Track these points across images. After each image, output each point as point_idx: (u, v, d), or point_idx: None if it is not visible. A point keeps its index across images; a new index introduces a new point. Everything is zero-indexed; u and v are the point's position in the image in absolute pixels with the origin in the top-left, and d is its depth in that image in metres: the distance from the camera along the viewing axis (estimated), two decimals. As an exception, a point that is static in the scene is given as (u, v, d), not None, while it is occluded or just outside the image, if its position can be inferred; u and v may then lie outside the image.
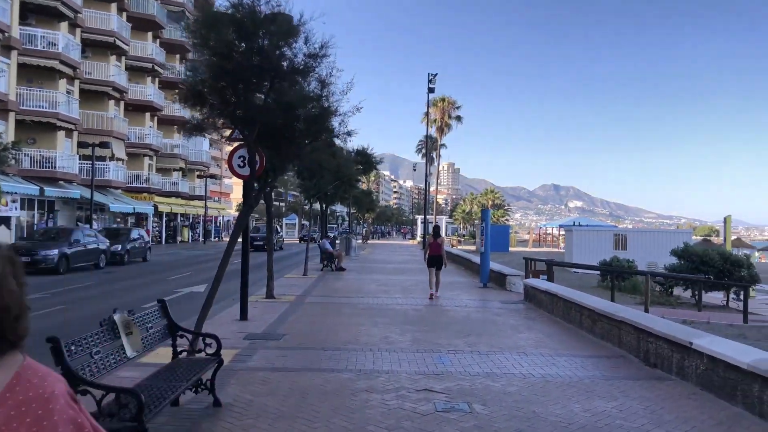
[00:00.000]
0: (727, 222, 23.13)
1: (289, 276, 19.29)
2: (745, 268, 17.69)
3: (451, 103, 65.82)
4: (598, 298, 10.75)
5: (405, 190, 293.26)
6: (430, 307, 12.77)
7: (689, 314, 15.62)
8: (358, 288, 16.11)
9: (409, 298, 13.98)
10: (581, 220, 60.72)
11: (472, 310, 12.43)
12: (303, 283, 16.83)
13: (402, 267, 24.33)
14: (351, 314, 11.35)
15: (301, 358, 7.59)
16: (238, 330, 9.44)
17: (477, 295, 15.12)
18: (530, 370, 7.25)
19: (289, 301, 13.07)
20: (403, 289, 16.05)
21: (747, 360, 5.66)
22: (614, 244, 32.80)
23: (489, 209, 17.01)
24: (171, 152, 49.33)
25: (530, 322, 11.02)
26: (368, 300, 13.57)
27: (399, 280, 18.33)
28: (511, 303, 13.66)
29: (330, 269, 21.36)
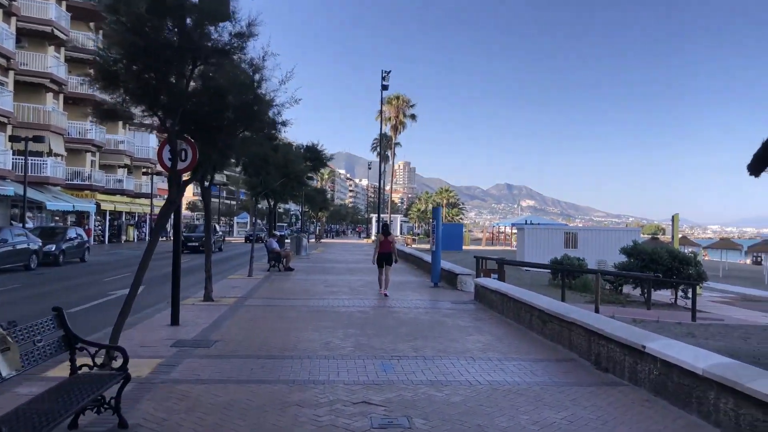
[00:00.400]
0: (675, 220, 23.39)
1: (233, 277, 18.49)
2: (693, 266, 17.80)
3: (405, 102, 65.57)
4: (548, 298, 10.43)
5: (361, 188, 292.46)
6: (378, 308, 12.25)
7: (639, 313, 15.56)
8: (304, 289, 15.47)
9: (356, 299, 13.43)
10: (533, 219, 61.30)
11: (420, 311, 11.96)
12: (246, 285, 16.09)
13: (353, 267, 23.77)
14: (293, 318, 10.73)
15: (231, 368, 6.95)
16: (166, 336, 8.72)
17: (427, 295, 14.68)
18: (477, 376, 6.80)
19: (228, 304, 12.34)
20: (352, 290, 15.50)
21: (702, 365, 5.32)
22: (565, 242, 33.01)
23: (440, 207, 16.60)
24: (116, 148, 47.48)
25: (480, 323, 10.61)
26: (314, 302, 12.96)
27: (348, 281, 17.77)
28: (461, 303, 13.27)
29: (277, 270, 20.62)
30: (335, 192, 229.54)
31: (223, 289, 14.77)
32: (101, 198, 41.92)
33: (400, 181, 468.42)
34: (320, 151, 24.16)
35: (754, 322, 14.98)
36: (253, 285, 16.10)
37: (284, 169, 19.04)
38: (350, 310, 11.83)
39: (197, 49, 5.73)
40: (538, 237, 33.01)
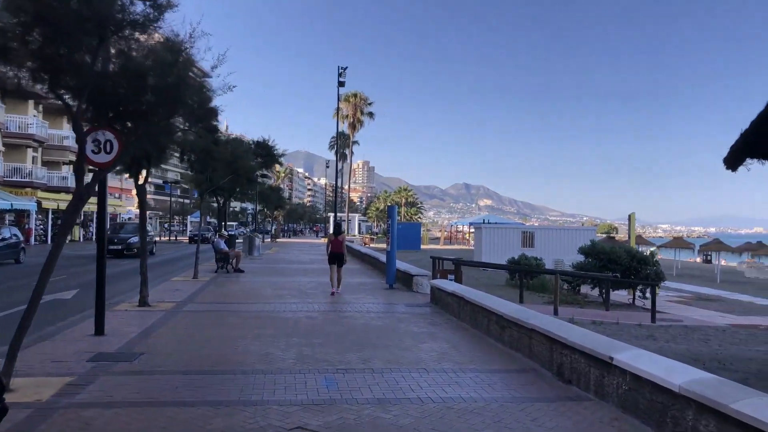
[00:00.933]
0: (632, 219, 23.30)
1: (176, 279, 17.44)
2: (651, 266, 17.60)
3: (363, 99, 64.82)
4: (507, 302, 9.85)
5: (319, 187, 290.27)
6: (327, 313, 11.48)
7: (598, 314, 15.21)
8: (251, 292, 14.59)
9: (305, 303, 12.64)
10: (490, 218, 61.38)
11: (373, 315, 11.25)
12: (189, 288, 15.10)
13: (306, 268, 22.91)
14: (233, 325, 9.88)
15: (151, 387, 6.10)
16: (86, 348, 7.78)
17: (381, 298, 13.99)
18: (430, 392, 6.12)
19: (164, 309, 11.39)
20: (302, 292, 14.68)
21: (678, 381, 4.75)
22: (522, 241, 32.82)
23: (395, 206, 15.92)
24: (60, 144, 45.39)
25: (435, 329, 9.96)
26: (258, 307, 12.12)
27: (299, 283, 16.94)
28: (416, 306, 12.61)
29: (226, 271, 19.63)
30: (293, 191, 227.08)
31: (162, 293, 13.77)
32: (43, 196, 39.89)
33: (359, 180, 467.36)
34: (272, 147, 23.21)
35: (711, 323, 14.79)
36: (197, 288, 15.12)
37: (232, 165, 18.07)
38: (297, 315, 11.03)
39: (103, 19, 4.88)
40: (495, 236, 32.74)
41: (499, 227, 34.80)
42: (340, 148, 79.25)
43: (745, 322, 14.93)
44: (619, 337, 11.85)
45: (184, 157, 16.89)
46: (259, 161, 23.36)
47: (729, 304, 20.10)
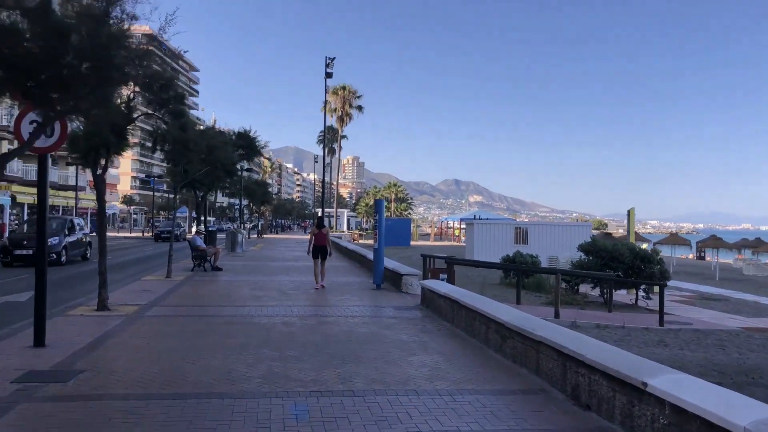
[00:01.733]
0: (631, 215, 22.31)
1: (149, 278, 16.24)
2: (656, 264, 16.60)
3: (351, 92, 63.52)
4: (507, 306, 8.75)
5: (309, 183, 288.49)
6: (307, 317, 10.36)
7: (601, 316, 14.21)
8: (225, 293, 13.43)
9: (283, 306, 11.50)
10: (481, 214, 60.43)
11: (357, 321, 10.13)
12: (160, 288, 13.92)
13: (289, 265, 21.76)
14: (198, 333, 8.74)
15: (79, 420, 4.96)
16: (17, 365, 6.61)
17: (367, 300, 12.87)
18: (421, 423, 5.03)
19: (125, 314, 10.22)
20: (281, 293, 13.54)
21: (744, 422, 3.67)
22: (515, 238, 31.88)
23: (383, 200, 14.80)
24: (37, 136, 43.89)
25: (426, 337, 8.87)
26: (231, 310, 10.98)
27: (280, 282, 15.80)
28: (405, 309, 11.51)
29: (203, 269, 18.44)
30: (282, 186, 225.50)
31: (127, 294, 12.60)
32: (18, 190, 38.47)
33: (349, 176, 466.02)
34: (253, 138, 21.96)
35: (722, 325, 13.82)
36: (168, 288, 13.94)
37: (209, 156, 16.87)
38: (273, 320, 9.89)
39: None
40: (488, 233, 31.74)
41: (492, 223, 33.81)
42: (329, 142, 77.99)
43: (759, 325, 13.97)
44: (628, 344, 10.83)
45: (156, 147, 15.72)
46: (241, 153, 22.15)
47: (734, 304, 19.17)
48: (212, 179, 19.14)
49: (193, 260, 18.60)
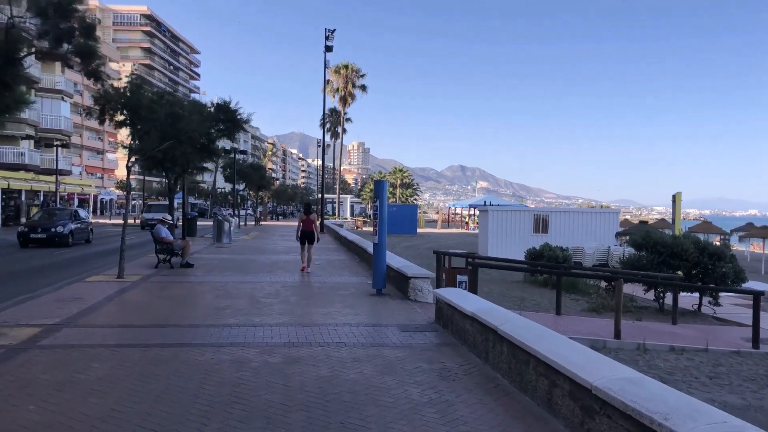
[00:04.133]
0: (677, 200, 19.09)
1: (94, 279, 13.10)
2: (728, 262, 13.37)
3: (354, 71, 59.92)
4: (581, 347, 5.49)
5: (313, 169, 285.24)
6: (274, 350, 7.17)
7: (668, 332, 11.00)
8: (177, 304, 10.26)
9: (246, 328, 8.34)
10: (492, 200, 57.04)
11: (345, 355, 6.95)
12: (99, 294, 10.80)
13: (277, 260, 18.61)
14: (95, 380, 5.60)
15: None
16: None
17: (364, 314, 9.68)
18: None
19: (12, 341, 7.09)
20: (253, 303, 10.38)
21: None
22: (534, 226, 28.64)
23: (384, 181, 11.59)
24: (17, 115, 40.68)
25: (449, 390, 5.69)
26: (170, 334, 7.83)
27: (257, 285, 12.65)
28: (415, 330, 8.34)
29: (169, 266, 15.32)
30: (287, 172, 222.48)
31: (45, 305, 9.50)
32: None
33: (354, 161, 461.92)
34: (235, 111, 18.68)
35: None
36: (107, 295, 10.81)
37: (171, 127, 13.69)
38: (221, 357, 6.72)
39: None
40: (504, 220, 28.50)
41: (508, 210, 30.54)
42: (332, 125, 74.62)
43: None
44: (730, 385, 7.66)
45: (104, 116, 12.60)
46: (220, 128, 18.93)
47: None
48: (183, 157, 15.96)
49: (157, 255, 15.46)
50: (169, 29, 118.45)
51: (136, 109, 12.22)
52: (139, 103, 12.18)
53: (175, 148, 14.55)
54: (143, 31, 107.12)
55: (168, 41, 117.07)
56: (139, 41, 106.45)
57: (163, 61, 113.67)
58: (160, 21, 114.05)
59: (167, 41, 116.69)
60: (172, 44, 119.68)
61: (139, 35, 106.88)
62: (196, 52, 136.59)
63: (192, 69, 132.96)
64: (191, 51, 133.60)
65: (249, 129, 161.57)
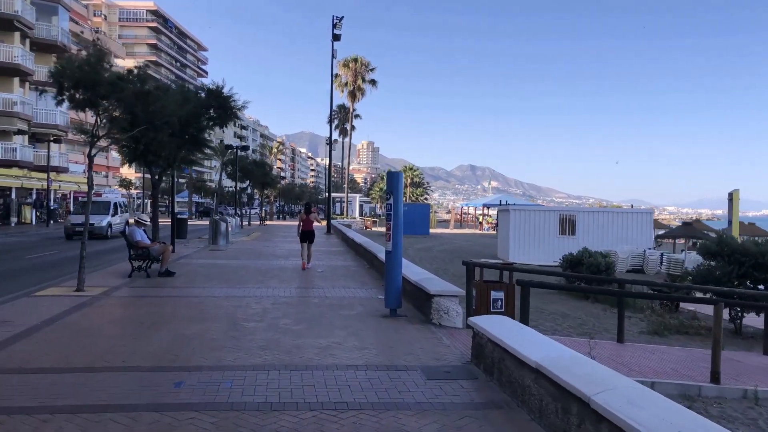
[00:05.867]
0: (735, 199, 16.57)
1: (47, 292, 10.77)
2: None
3: (364, 65, 57.46)
4: None
5: (323, 168, 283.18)
6: (232, 419, 4.81)
7: (759, 363, 8.55)
8: (131, 331, 7.86)
9: (210, 374, 5.99)
10: (508, 199, 54.45)
11: (347, 429, 4.59)
12: (33, 317, 8.48)
13: (275, 266, 16.27)
14: None
15: None
16: None
17: (374, 347, 7.29)
18: None
19: None
20: (230, 329, 8.01)
21: None
22: (560, 227, 26.16)
23: (400, 173, 9.18)
24: (7, 110, 38.58)
25: None
26: (100, 386, 5.49)
27: (243, 301, 10.30)
28: (446, 379, 5.95)
29: (146, 274, 13.01)
30: (296, 171, 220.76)
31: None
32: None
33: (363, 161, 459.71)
34: (228, 98, 16.31)
35: None
36: (50, 315, 8.51)
37: (143, 110, 11.36)
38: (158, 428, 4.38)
39: None
40: (527, 221, 26.05)
41: (532, 210, 28.07)
42: (341, 122, 72.29)
43: None
44: None
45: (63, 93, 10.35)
46: (211, 116, 16.59)
47: None
48: (160, 147, 13.63)
49: (131, 262, 13.13)
50: (176, 25, 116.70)
51: (94, 86, 9.90)
52: (97, 78, 9.86)
53: (149, 136, 12.22)
54: (150, 27, 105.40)
55: (175, 37, 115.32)
56: (145, 37, 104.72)
57: (170, 58, 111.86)
58: (167, 17, 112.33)
59: (174, 37, 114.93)
60: (179, 41, 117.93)
61: (146, 31, 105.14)
62: (203, 49, 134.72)
63: (199, 66, 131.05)
64: (198, 48, 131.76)
65: (258, 128, 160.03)
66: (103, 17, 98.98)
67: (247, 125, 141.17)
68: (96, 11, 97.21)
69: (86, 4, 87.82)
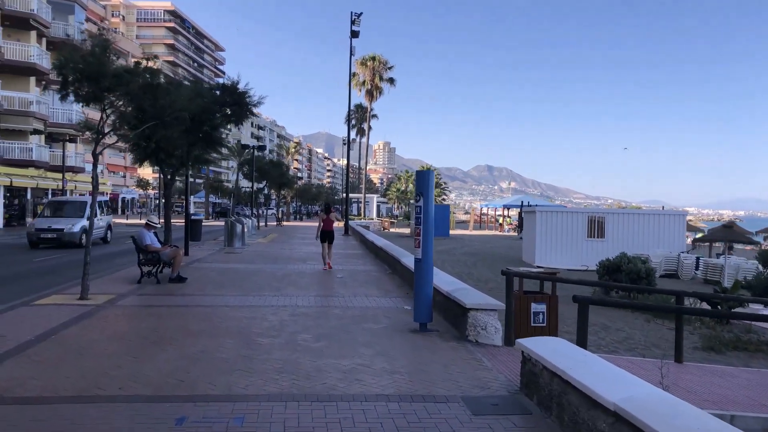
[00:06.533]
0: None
1: (49, 300, 10.02)
2: None
3: (382, 63, 56.58)
4: None
5: (339, 168, 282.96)
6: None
7: None
8: (132, 348, 7.02)
9: (219, 406, 5.13)
10: (530, 200, 53.20)
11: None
12: (33, 326, 7.73)
13: (293, 270, 15.44)
14: None
15: None
16: None
17: (405, 370, 6.39)
18: None
19: None
20: (243, 347, 7.17)
21: None
22: (589, 230, 25.05)
23: (431, 170, 8.28)
24: (23, 109, 38.25)
25: None
26: (89, 428, 4.65)
27: (255, 315, 9.47)
28: (494, 414, 5.04)
29: (156, 280, 12.24)
30: (313, 171, 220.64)
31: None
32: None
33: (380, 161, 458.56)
34: (243, 93, 15.46)
35: None
36: (45, 329, 7.73)
37: (152, 104, 10.58)
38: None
39: None
40: (554, 223, 24.98)
41: (558, 211, 26.99)
42: (358, 121, 71.52)
43: None
44: None
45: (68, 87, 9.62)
46: (225, 113, 15.79)
47: None
48: (169, 144, 12.84)
49: (140, 267, 12.37)
50: (194, 25, 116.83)
51: (98, 79, 9.12)
52: (101, 70, 9.08)
53: (159, 133, 11.43)
54: (167, 27, 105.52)
55: (192, 38, 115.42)
56: (162, 38, 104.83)
57: (187, 58, 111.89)
58: (184, 17, 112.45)
59: (191, 38, 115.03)
60: (197, 41, 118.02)
61: (163, 31, 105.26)
62: (221, 49, 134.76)
63: (217, 66, 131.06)
64: (216, 48, 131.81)
65: (275, 128, 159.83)
66: (120, 18, 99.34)
67: (264, 125, 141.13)
68: (114, 12, 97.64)
69: (104, 4, 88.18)
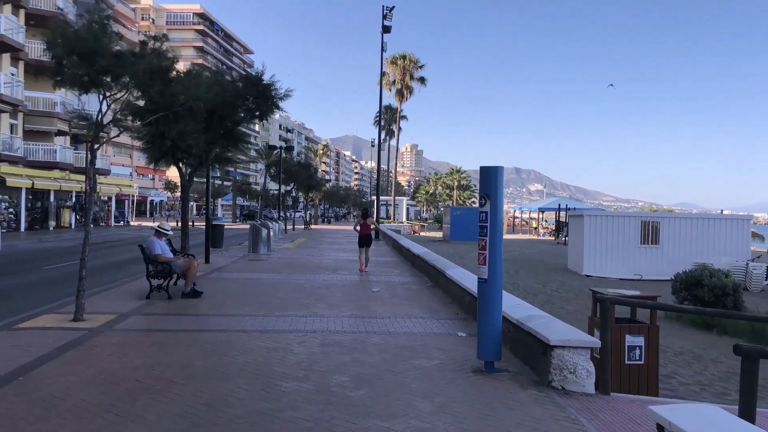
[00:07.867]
0: None
1: (36, 322, 8.49)
2: None
3: (413, 62, 54.85)
4: None
5: (367, 171, 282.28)
6: None
7: None
8: (117, 398, 5.37)
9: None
10: (568, 203, 50.84)
11: None
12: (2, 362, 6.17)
13: (322, 282, 13.78)
14: None
15: None
16: None
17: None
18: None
19: None
20: (261, 398, 5.49)
21: None
22: (642, 235, 22.94)
23: (500, 167, 6.50)
24: (47, 110, 37.45)
25: None
26: None
27: (278, 345, 7.80)
28: None
29: (167, 295, 10.68)
30: (340, 174, 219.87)
31: None
32: (7, 171, 31.97)
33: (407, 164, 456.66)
34: (268, 86, 13.84)
35: None
36: (16, 365, 6.16)
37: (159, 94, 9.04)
38: None
39: None
40: (604, 228, 22.94)
41: (608, 216, 24.90)
42: (387, 123, 69.92)
43: None
44: None
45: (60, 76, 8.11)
46: (249, 107, 14.22)
47: None
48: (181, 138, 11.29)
49: (149, 280, 10.81)
50: (223, 28, 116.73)
51: (93, 57, 7.57)
52: (96, 47, 7.53)
53: (172, 128, 9.87)
54: (196, 30, 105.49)
55: (221, 40, 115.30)
56: (192, 40, 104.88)
57: (216, 61, 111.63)
58: (214, 20, 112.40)
59: (220, 40, 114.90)
60: (226, 43, 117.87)
61: (192, 34, 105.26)
62: (249, 51, 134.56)
63: (245, 69, 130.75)
64: (245, 51, 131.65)
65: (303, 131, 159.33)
66: (150, 20, 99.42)
67: (292, 128, 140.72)
68: (144, 15, 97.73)
69: (134, 7, 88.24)
